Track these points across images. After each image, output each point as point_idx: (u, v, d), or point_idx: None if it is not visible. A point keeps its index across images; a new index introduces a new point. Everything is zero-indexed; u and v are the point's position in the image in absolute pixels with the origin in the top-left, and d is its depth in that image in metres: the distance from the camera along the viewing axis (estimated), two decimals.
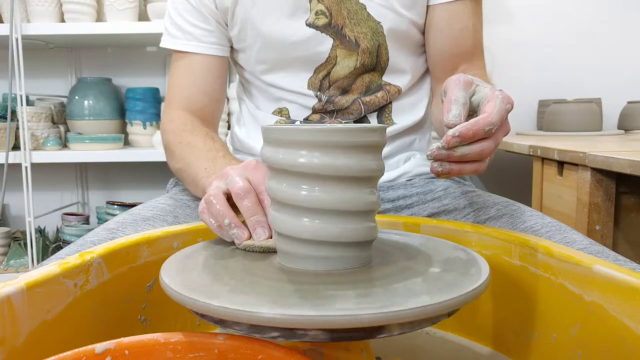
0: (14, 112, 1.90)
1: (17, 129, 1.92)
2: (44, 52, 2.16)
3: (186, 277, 0.43)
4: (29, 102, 2.09)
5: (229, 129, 1.94)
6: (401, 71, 0.85)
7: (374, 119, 0.86)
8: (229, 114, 1.96)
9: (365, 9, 0.80)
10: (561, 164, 1.26)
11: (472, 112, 0.54)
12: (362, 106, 0.84)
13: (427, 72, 0.90)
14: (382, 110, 0.86)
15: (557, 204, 1.28)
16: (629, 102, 1.85)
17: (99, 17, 1.92)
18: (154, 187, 2.24)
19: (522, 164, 1.87)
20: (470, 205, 0.77)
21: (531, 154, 1.39)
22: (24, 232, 2.04)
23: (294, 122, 0.86)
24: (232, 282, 0.42)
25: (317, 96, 0.84)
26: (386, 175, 0.85)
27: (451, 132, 0.48)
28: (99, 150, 1.93)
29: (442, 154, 0.49)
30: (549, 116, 1.81)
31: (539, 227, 0.65)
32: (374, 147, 0.44)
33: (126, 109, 2.04)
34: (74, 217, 2.09)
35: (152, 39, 1.89)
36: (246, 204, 0.52)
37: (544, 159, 1.35)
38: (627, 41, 2.03)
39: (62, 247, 1.69)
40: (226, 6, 0.83)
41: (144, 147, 2.01)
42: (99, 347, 0.38)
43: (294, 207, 0.43)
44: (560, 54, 2.04)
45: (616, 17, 2.03)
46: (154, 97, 2.03)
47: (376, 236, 0.46)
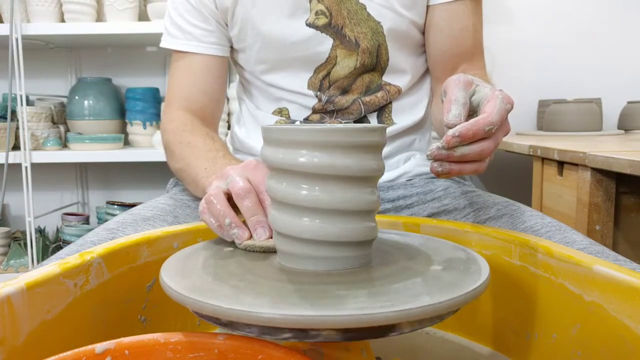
0: (14, 112, 1.90)
1: (17, 129, 1.92)
2: (44, 52, 2.16)
3: (186, 277, 0.43)
4: (29, 102, 2.09)
5: (229, 129, 1.94)
6: (401, 71, 0.85)
7: (374, 119, 0.86)
8: (229, 114, 1.96)
9: (365, 9, 0.80)
10: (561, 164, 1.26)
11: (472, 112, 0.54)
12: (362, 106, 0.84)
13: (427, 72, 0.90)
14: (382, 110, 0.86)
15: (557, 204, 1.28)
16: (629, 102, 1.85)
17: (99, 17, 1.92)
18: (154, 187, 2.24)
19: (522, 164, 1.87)
20: (470, 205, 0.77)
21: (531, 154, 1.39)
22: (24, 232, 2.04)
23: (294, 122, 0.86)
24: (232, 282, 0.42)
25: (317, 96, 0.84)
26: (386, 175, 0.85)
27: (451, 132, 0.48)
28: (99, 150, 1.93)
29: (442, 154, 0.49)
30: (549, 116, 1.81)
31: (539, 227, 0.65)
32: (374, 147, 0.44)
33: (126, 109, 2.04)
34: (74, 217, 2.09)
35: (152, 39, 1.89)
36: (247, 204, 0.52)
37: (544, 159, 1.35)
38: (627, 41, 2.03)
39: (62, 247, 1.69)
40: (226, 6, 0.83)
41: (144, 147, 2.01)
42: (99, 347, 0.38)
43: (294, 206, 0.43)
44: (560, 54, 2.04)
45: (616, 17, 2.03)
46: (154, 97, 2.03)
47: (376, 236, 0.46)
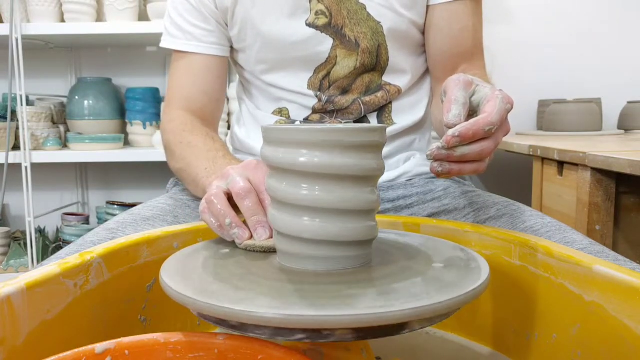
0: (14, 112, 1.90)
1: (17, 129, 1.92)
2: (44, 52, 2.16)
3: (186, 277, 0.43)
4: (29, 102, 2.09)
5: (229, 129, 1.94)
6: (401, 71, 0.85)
7: (374, 119, 0.86)
8: (229, 114, 1.96)
9: (365, 9, 0.80)
10: (561, 164, 1.26)
11: (472, 112, 0.54)
12: (362, 106, 0.84)
13: (427, 72, 0.90)
14: (382, 110, 0.86)
15: (557, 204, 1.28)
16: (629, 102, 1.85)
17: (99, 17, 1.92)
18: (154, 187, 2.24)
19: (522, 164, 1.87)
20: (470, 205, 0.76)
21: (531, 154, 1.39)
22: (24, 232, 2.04)
23: (294, 122, 0.86)
24: (233, 282, 0.42)
25: (317, 96, 0.84)
26: (386, 175, 0.85)
27: (451, 132, 0.48)
28: (99, 150, 1.93)
29: (442, 154, 0.49)
30: (549, 116, 1.81)
31: (539, 227, 0.65)
32: (374, 147, 0.44)
33: (126, 109, 2.04)
34: (74, 217, 2.09)
35: (152, 39, 1.89)
36: (247, 204, 0.52)
37: (544, 159, 1.35)
38: (627, 41, 2.03)
39: (62, 247, 1.69)
40: (226, 6, 0.83)
41: (144, 147, 2.01)
42: (99, 347, 0.38)
43: (294, 206, 0.43)
44: (560, 54, 2.04)
45: (616, 17, 2.03)
46: (154, 97, 2.03)
47: (376, 235, 0.46)
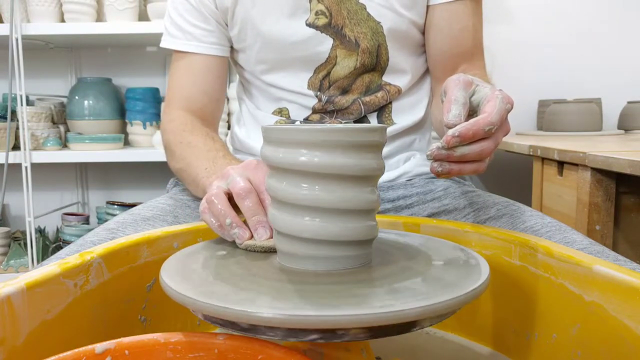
0: (14, 112, 1.90)
1: (17, 129, 1.92)
2: (44, 52, 2.16)
3: (186, 277, 0.43)
4: (29, 102, 2.09)
5: (229, 129, 1.94)
6: (401, 71, 0.85)
7: (374, 119, 0.86)
8: (229, 114, 1.96)
9: (365, 9, 0.80)
10: (561, 164, 1.26)
11: (472, 112, 0.54)
12: (362, 106, 0.84)
13: (427, 72, 0.90)
14: (382, 110, 0.86)
15: (557, 204, 1.28)
16: (629, 102, 1.85)
17: (99, 17, 1.92)
18: (154, 187, 2.24)
19: (522, 164, 1.87)
20: (470, 205, 0.76)
21: (531, 154, 1.39)
22: (24, 232, 2.04)
23: (294, 122, 0.86)
24: (233, 282, 0.42)
25: (317, 96, 0.84)
26: (386, 175, 0.85)
27: (451, 132, 0.48)
28: (99, 150, 1.93)
29: (442, 154, 0.49)
30: (549, 116, 1.81)
31: (539, 227, 0.65)
32: (374, 147, 0.44)
33: (126, 109, 2.04)
34: (74, 217, 2.09)
35: (152, 39, 1.89)
36: (247, 204, 0.52)
37: (544, 159, 1.35)
38: (627, 41, 2.03)
39: (62, 247, 1.69)
40: (226, 6, 0.83)
41: (144, 147, 2.01)
42: (99, 347, 0.38)
43: (294, 205, 0.43)
44: (560, 54, 2.04)
45: (616, 17, 2.03)
46: (154, 97, 2.03)
47: (376, 235, 0.46)
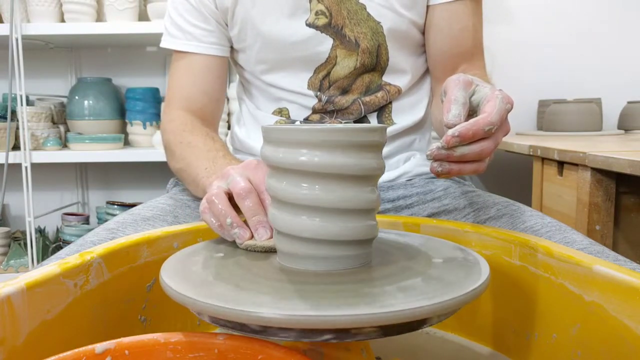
0: (14, 112, 1.90)
1: (17, 129, 1.92)
2: (44, 52, 2.16)
3: (186, 277, 0.43)
4: (29, 102, 2.09)
5: (229, 129, 1.94)
6: (401, 71, 0.85)
7: (374, 119, 0.86)
8: (229, 114, 1.96)
9: (365, 9, 0.80)
10: (561, 164, 1.26)
11: (472, 112, 0.54)
12: (362, 106, 0.84)
13: (427, 72, 0.90)
14: (382, 110, 0.86)
15: (557, 204, 1.28)
16: (629, 102, 1.85)
17: (99, 17, 1.92)
18: (154, 187, 2.24)
19: (522, 164, 1.87)
20: (470, 205, 0.76)
21: (531, 154, 1.39)
22: (24, 232, 2.04)
23: (294, 122, 0.86)
24: (233, 282, 0.42)
25: (317, 96, 0.84)
26: (386, 175, 0.85)
27: (451, 132, 0.48)
28: (99, 150, 1.93)
29: (441, 154, 0.49)
30: (549, 116, 1.81)
31: (539, 227, 0.65)
32: (374, 146, 0.44)
33: (126, 109, 2.04)
34: (74, 217, 2.09)
35: (152, 39, 1.89)
36: (247, 204, 0.52)
37: (544, 159, 1.35)
38: (627, 41, 2.03)
39: (62, 247, 1.69)
40: (226, 6, 0.83)
41: (144, 147, 2.01)
42: (99, 347, 0.38)
43: (294, 205, 0.43)
44: (560, 54, 2.04)
45: (616, 17, 2.03)
46: (154, 97, 2.03)
47: (376, 235, 0.46)
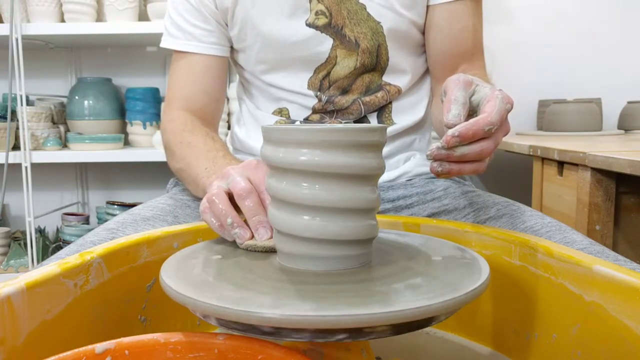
0: (14, 112, 1.90)
1: (17, 129, 1.92)
2: (44, 52, 2.16)
3: (186, 277, 0.43)
4: (29, 102, 2.09)
5: (229, 129, 1.94)
6: (401, 71, 0.85)
7: (374, 119, 0.86)
8: (229, 114, 1.96)
9: (365, 9, 0.80)
10: (561, 164, 1.26)
11: (472, 112, 0.54)
12: (362, 106, 0.84)
13: (427, 72, 0.90)
14: (382, 110, 0.86)
15: (557, 204, 1.28)
16: (629, 102, 1.85)
17: (99, 17, 1.92)
18: (154, 187, 2.24)
19: (522, 164, 1.87)
20: (470, 205, 0.76)
21: (531, 154, 1.39)
22: (24, 232, 2.04)
23: (294, 122, 0.86)
24: (233, 281, 0.42)
25: (317, 96, 0.84)
26: (386, 175, 0.85)
27: (451, 132, 0.48)
28: (99, 150, 1.93)
29: (441, 153, 0.49)
30: (549, 116, 1.81)
31: (539, 227, 0.65)
32: (374, 146, 0.44)
33: (126, 109, 2.04)
34: (74, 217, 2.09)
35: (152, 39, 1.89)
36: (248, 204, 0.52)
37: (544, 159, 1.35)
38: (627, 41, 2.03)
39: (62, 247, 1.69)
40: (226, 6, 0.83)
41: (144, 147, 2.01)
42: (99, 347, 0.38)
43: (294, 204, 0.43)
44: (560, 54, 2.04)
45: (616, 17, 2.03)
46: (154, 97, 2.03)
47: (377, 234, 0.46)
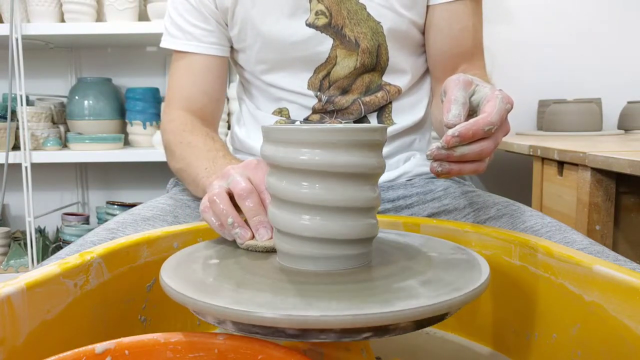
0: (14, 112, 1.90)
1: (17, 129, 1.92)
2: (44, 52, 2.16)
3: (186, 277, 0.43)
4: (29, 102, 2.09)
5: (229, 129, 1.94)
6: (401, 71, 0.85)
7: (374, 119, 0.86)
8: (229, 114, 1.96)
9: (365, 9, 0.80)
10: (561, 164, 1.26)
11: (472, 112, 0.54)
12: (362, 106, 0.84)
13: (427, 72, 0.90)
14: (382, 110, 0.86)
15: (557, 204, 1.28)
16: (629, 102, 1.85)
17: (99, 17, 1.92)
18: (154, 187, 2.24)
19: (522, 164, 1.87)
20: (470, 205, 0.76)
21: (531, 154, 1.39)
22: (24, 232, 2.04)
23: (294, 122, 0.86)
24: (233, 281, 0.42)
25: (317, 96, 0.84)
26: (386, 175, 0.85)
27: (451, 132, 0.48)
28: (99, 150, 1.93)
29: (441, 153, 0.49)
30: (549, 116, 1.81)
31: (539, 227, 0.65)
32: (374, 145, 0.44)
33: (126, 109, 2.04)
34: (74, 217, 2.09)
35: (152, 39, 1.89)
36: (248, 205, 0.52)
37: (544, 159, 1.35)
38: (627, 41, 2.03)
39: (62, 247, 1.69)
40: (226, 6, 0.83)
41: (144, 147, 2.01)
42: (99, 347, 0.38)
43: (295, 204, 0.43)
44: (560, 54, 2.04)
45: (616, 17, 2.03)
46: (154, 97, 2.03)
47: (377, 233, 0.46)
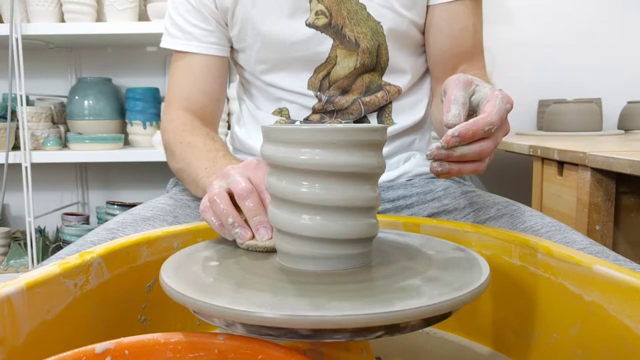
0: (14, 112, 1.90)
1: (17, 129, 1.92)
2: (44, 52, 2.16)
3: (186, 277, 0.43)
4: (29, 102, 2.09)
5: (229, 129, 1.94)
6: (401, 71, 0.85)
7: (374, 119, 0.86)
8: (229, 114, 1.96)
9: (365, 9, 0.80)
10: (561, 164, 1.26)
11: (472, 112, 0.54)
12: (362, 106, 0.84)
13: (427, 72, 0.90)
14: (382, 110, 0.86)
15: (557, 204, 1.28)
16: (629, 102, 1.85)
17: (99, 17, 1.92)
18: (154, 187, 2.24)
19: (522, 164, 1.87)
20: (470, 205, 0.76)
21: (531, 154, 1.39)
22: (24, 232, 2.04)
23: (294, 122, 0.86)
24: (233, 281, 0.42)
25: (317, 96, 0.84)
26: (386, 175, 0.85)
27: (451, 131, 0.48)
28: (99, 150, 1.93)
29: (441, 153, 0.49)
30: (549, 116, 1.81)
31: (539, 227, 0.65)
32: (374, 145, 0.44)
33: (126, 109, 2.04)
34: (74, 217, 2.09)
35: (152, 39, 1.89)
36: (248, 205, 0.52)
37: (544, 159, 1.35)
38: (627, 41, 2.03)
39: (62, 247, 1.69)
40: (226, 6, 0.83)
41: (144, 147, 2.01)
42: (99, 347, 0.38)
43: (295, 203, 0.43)
44: (560, 54, 2.04)
45: (616, 17, 2.03)
46: (154, 97, 2.03)
47: (377, 233, 0.46)
